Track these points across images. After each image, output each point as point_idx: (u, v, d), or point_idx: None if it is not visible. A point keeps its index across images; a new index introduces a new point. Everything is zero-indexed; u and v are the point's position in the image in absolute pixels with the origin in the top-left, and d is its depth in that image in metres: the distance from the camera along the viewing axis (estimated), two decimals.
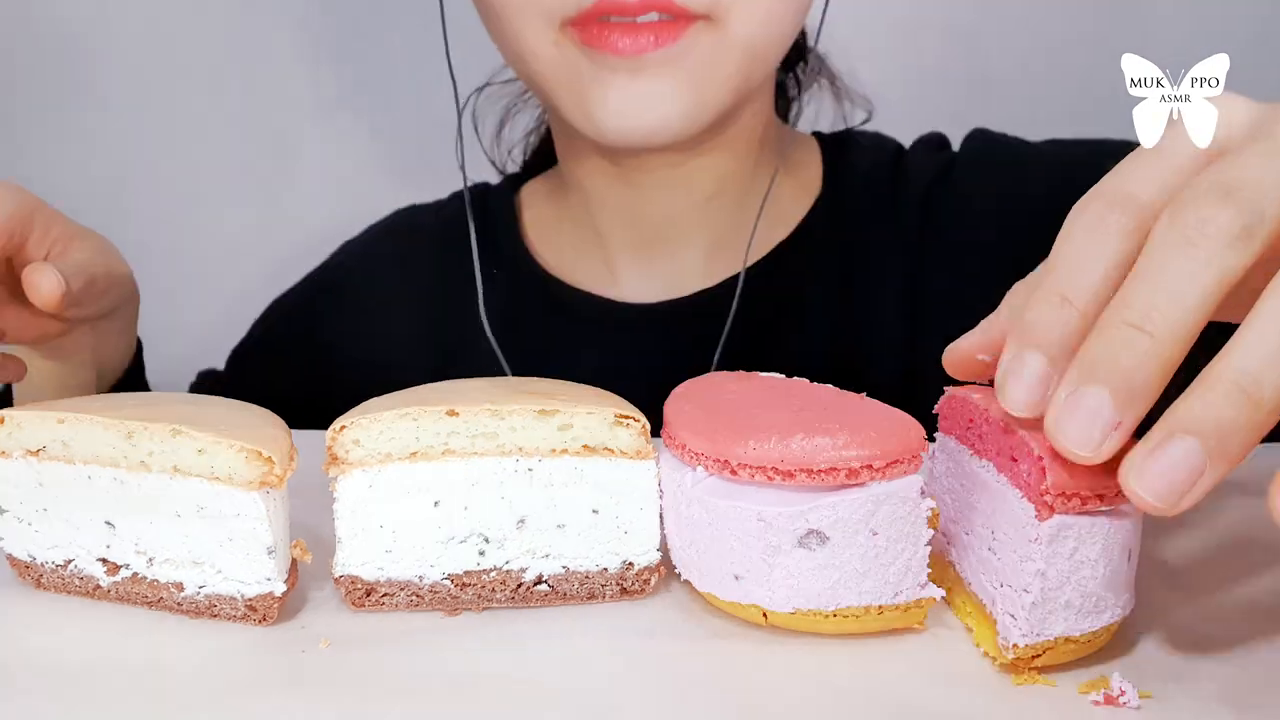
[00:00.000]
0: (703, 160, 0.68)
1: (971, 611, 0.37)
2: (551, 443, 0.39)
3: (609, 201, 0.71)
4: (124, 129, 1.09)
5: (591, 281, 0.74)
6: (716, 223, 0.71)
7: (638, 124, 0.60)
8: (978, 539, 0.36)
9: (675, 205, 0.70)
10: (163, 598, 0.40)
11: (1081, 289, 0.31)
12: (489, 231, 0.77)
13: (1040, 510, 0.32)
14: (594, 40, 0.58)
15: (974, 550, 0.37)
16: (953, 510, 0.39)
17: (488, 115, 0.82)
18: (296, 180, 1.10)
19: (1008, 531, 0.34)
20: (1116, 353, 0.29)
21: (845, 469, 0.34)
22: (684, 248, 0.72)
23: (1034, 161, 0.70)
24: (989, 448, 0.36)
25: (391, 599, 0.40)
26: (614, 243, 0.73)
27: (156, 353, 0.72)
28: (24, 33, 1.07)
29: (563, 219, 0.76)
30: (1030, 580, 0.33)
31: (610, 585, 0.40)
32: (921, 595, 0.36)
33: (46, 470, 0.40)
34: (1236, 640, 0.35)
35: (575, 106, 0.61)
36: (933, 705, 0.33)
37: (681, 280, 0.72)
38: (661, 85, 0.59)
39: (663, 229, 0.72)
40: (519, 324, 0.73)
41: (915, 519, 0.35)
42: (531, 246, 0.76)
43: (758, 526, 0.35)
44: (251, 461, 0.37)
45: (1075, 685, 0.33)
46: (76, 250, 0.54)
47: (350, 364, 0.76)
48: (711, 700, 0.33)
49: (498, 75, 0.79)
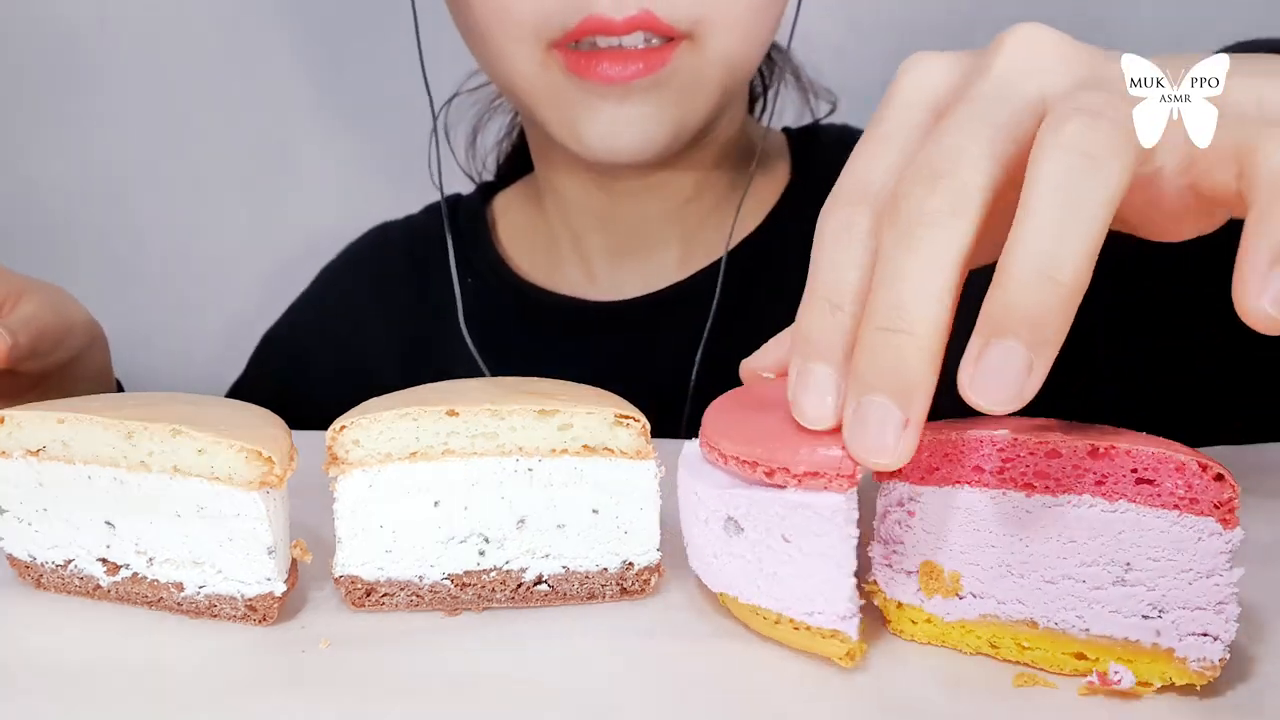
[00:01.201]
0: (680, 167, 0.69)
1: (1098, 656, 0.34)
2: (551, 443, 0.39)
3: (586, 207, 0.72)
4: (123, 132, 1.09)
5: (569, 285, 0.74)
6: (692, 223, 0.72)
7: (625, 145, 0.61)
8: (1086, 578, 0.33)
9: (652, 210, 0.71)
10: (163, 598, 0.40)
11: (845, 294, 0.32)
12: (462, 243, 0.77)
13: (1226, 521, 0.31)
14: (582, 70, 0.58)
15: (1077, 595, 0.34)
16: (999, 563, 0.35)
17: (459, 125, 0.82)
18: (294, 183, 1.10)
19: (1156, 556, 0.32)
20: (880, 359, 0.30)
21: (765, 467, 0.34)
22: (660, 248, 0.73)
23: None
24: (1072, 482, 0.33)
25: (391, 599, 0.40)
26: (591, 247, 0.74)
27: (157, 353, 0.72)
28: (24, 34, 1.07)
29: (538, 225, 0.77)
30: (1224, 592, 0.31)
31: (610, 585, 0.40)
32: (839, 627, 0.34)
33: (46, 470, 0.40)
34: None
35: (562, 126, 0.62)
36: (933, 705, 0.33)
37: (657, 278, 0.73)
38: (646, 109, 0.60)
39: (639, 232, 0.72)
40: (498, 332, 0.73)
41: (834, 539, 0.33)
42: (506, 255, 0.77)
43: (692, 499, 0.37)
44: (251, 461, 0.37)
45: (1075, 686, 0.33)
46: (25, 304, 0.55)
47: (338, 387, 0.76)
48: (712, 700, 0.33)
49: (466, 84, 0.80)
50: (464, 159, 0.84)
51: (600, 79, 0.58)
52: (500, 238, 0.78)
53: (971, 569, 0.35)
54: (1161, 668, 0.33)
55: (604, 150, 0.61)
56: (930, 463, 0.35)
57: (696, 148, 0.68)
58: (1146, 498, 0.32)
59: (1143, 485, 0.32)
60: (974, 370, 0.29)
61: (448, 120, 0.80)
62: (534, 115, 0.64)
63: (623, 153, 0.61)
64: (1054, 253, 0.28)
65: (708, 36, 0.59)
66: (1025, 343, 0.28)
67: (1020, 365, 0.28)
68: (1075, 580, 0.34)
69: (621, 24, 0.56)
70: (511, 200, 0.81)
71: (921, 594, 0.36)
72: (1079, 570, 0.33)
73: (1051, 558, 0.34)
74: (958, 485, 0.35)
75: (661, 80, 0.59)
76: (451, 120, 0.81)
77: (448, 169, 0.77)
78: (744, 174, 0.72)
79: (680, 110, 0.61)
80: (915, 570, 0.36)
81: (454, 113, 0.81)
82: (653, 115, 0.60)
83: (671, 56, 0.58)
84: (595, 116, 0.60)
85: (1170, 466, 0.32)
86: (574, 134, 0.61)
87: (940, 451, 0.35)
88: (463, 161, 0.84)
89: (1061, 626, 0.34)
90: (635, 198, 0.70)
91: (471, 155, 0.84)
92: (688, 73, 0.60)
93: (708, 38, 0.59)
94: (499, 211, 0.80)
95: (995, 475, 0.34)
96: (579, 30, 0.57)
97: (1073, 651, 0.34)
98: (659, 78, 0.59)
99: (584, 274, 0.75)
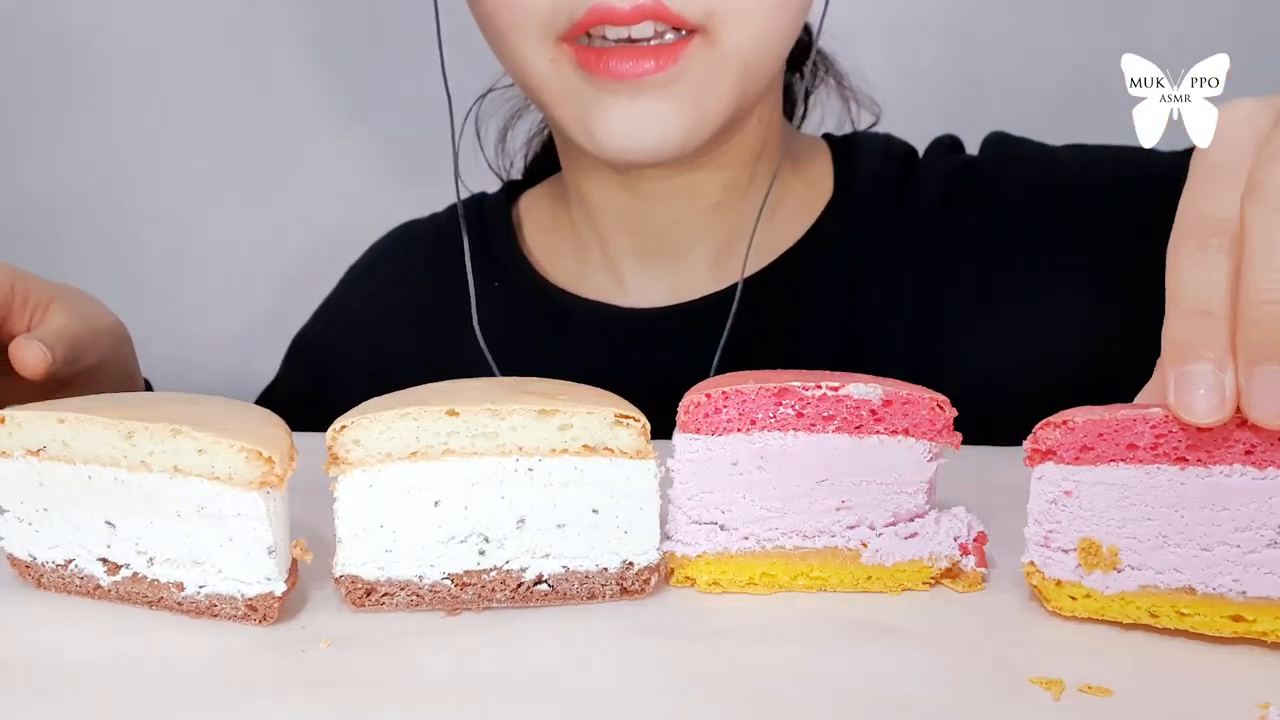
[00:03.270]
0: (707, 169, 0.67)
1: (1255, 617, 0.36)
2: (552, 442, 0.39)
3: (612, 210, 0.71)
4: (126, 132, 1.09)
5: (595, 289, 0.73)
6: (722, 228, 0.71)
7: (637, 144, 0.59)
8: (1240, 543, 0.35)
9: (680, 213, 0.70)
10: (163, 597, 0.40)
11: (1215, 299, 0.34)
12: (486, 243, 0.76)
13: None
14: (592, 66, 0.57)
15: (1232, 560, 0.36)
16: (1157, 535, 0.37)
17: (491, 121, 0.82)
18: (300, 184, 1.10)
19: None
20: (1266, 330, 0.32)
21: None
22: (689, 254, 0.71)
23: (1059, 168, 0.69)
24: (1223, 453, 0.35)
25: (391, 599, 0.40)
26: (618, 250, 0.72)
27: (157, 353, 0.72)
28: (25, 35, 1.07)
29: (564, 227, 0.76)
30: None
31: (610, 585, 0.40)
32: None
33: (47, 470, 0.40)
34: None
35: (575, 123, 0.61)
36: (933, 705, 0.33)
37: (688, 285, 0.71)
38: (660, 106, 0.58)
39: (667, 236, 0.71)
40: (519, 334, 0.72)
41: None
42: (531, 256, 0.76)
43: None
44: (252, 461, 0.37)
45: (1076, 685, 0.33)
46: (55, 313, 0.55)
47: (362, 385, 0.76)
48: (712, 700, 0.33)
49: (501, 81, 0.79)
50: (493, 156, 0.83)
51: (611, 75, 0.57)
52: (525, 238, 0.77)
53: (1129, 542, 0.37)
54: None
55: (616, 149, 0.60)
56: (1085, 443, 0.37)
57: (723, 149, 0.66)
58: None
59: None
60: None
61: (478, 116, 0.79)
62: (548, 112, 0.63)
63: (635, 152, 0.60)
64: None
65: (721, 31, 0.57)
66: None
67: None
68: (1230, 546, 0.36)
69: (629, 13, 0.55)
70: (537, 200, 0.79)
71: (1081, 570, 0.38)
72: (1233, 536, 0.35)
73: (1206, 526, 0.36)
74: (1113, 463, 0.37)
75: (674, 78, 0.58)
76: (483, 116, 0.80)
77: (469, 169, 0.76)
78: (780, 180, 0.70)
79: (695, 110, 0.59)
80: (1073, 548, 0.38)
81: (486, 108, 0.80)
82: (666, 114, 0.58)
83: (684, 54, 0.57)
84: (607, 114, 0.59)
85: None
86: (587, 132, 0.60)
87: (1094, 432, 0.37)
88: (492, 159, 0.83)
89: (1219, 591, 0.36)
90: (662, 200, 0.69)
91: (501, 152, 0.83)
92: (702, 71, 0.58)
93: (721, 32, 0.57)
94: (524, 211, 0.79)
95: (1149, 451, 0.36)
96: (587, 20, 0.56)
97: (1230, 614, 0.36)
98: (671, 75, 0.57)
99: (611, 278, 0.73)
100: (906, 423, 0.40)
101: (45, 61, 1.07)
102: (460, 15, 0.65)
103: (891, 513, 0.41)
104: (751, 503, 0.41)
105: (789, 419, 0.40)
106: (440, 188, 0.78)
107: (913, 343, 0.67)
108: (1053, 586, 0.38)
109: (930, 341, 0.67)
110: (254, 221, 1.11)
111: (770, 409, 0.40)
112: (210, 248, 1.11)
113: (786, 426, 0.40)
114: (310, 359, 0.83)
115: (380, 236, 0.85)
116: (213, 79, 1.08)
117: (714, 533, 0.41)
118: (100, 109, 1.08)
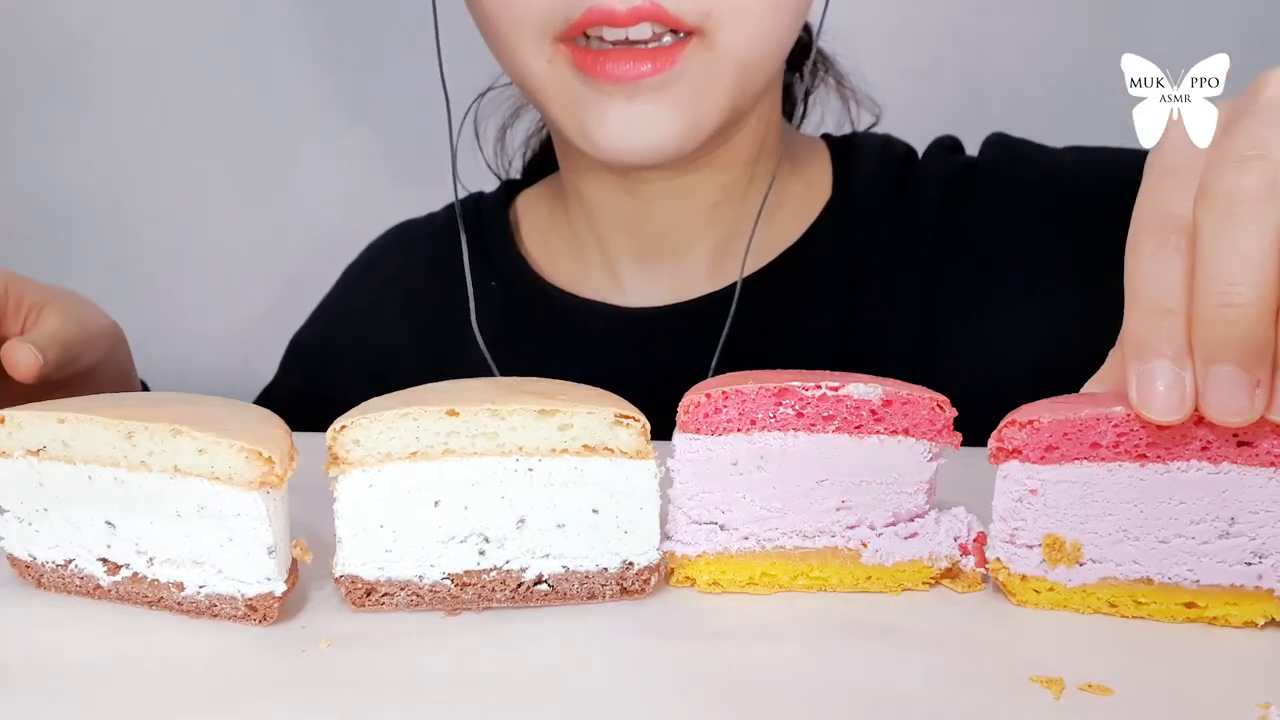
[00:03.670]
0: (706, 170, 0.67)
1: (1206, 604, 0.38)
2: (551, 442, 0.39)
3: (611, 210, 0.71)
4: (126, 132, 1.09)
5: (593, 289, 0.73)
6: (721, 229, 0.71)
7: (634, 146, 0.59)
8: (1195, 535, 0.37)
9: (678, 214, 0.70)
10: (163, 597, 0.40)
11: (1173, 297, 0.34)
12: (484, 243, 0.76)
13: None
14: (588, 68, 0.57)
15: (1187, 551, 0.38)
16: (1118, 529, 0.38)
17: (489, 120, 0.81)
18: (300, 184, 1.10)
19: (1256, 509, 0.37)
20: (1219, 331, 0.33)
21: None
22: (688, 254, 0.71)
23: (1059, 170, 0.69)
24: (1180, 449, 0.37)
25: (391, 599, 0.40)
26: (616, 250, 0.72)
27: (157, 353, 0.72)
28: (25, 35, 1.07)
29: (562, 226, 0.75)
30: None
31: (610, 585, 0.40)
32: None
33: (47, 470, 0.40)
34: None
35: (572, 124, 0.61)
36: (933, 705, 0.33)
37: (687, 285, 0.71)
38: (657, 108, 0.58)
39: (666, 236, 0.71)
40: (517, 333, 0.72)
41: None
42: (528, 255, 0.76)
43: None
44: (252, 461, 0.37)
45: (1076, 685, 0.33)
46: (49, 316, 0.55)
47: (360, 385, 0.76)
48: (711, 700, 0.33)
49: (500, 80, 0.79)
50: (492, 155, 0.83)
51: (607, 77, 0.57)
52: (523, 238, 0.77)
53: (1092, 537, 0.38)
54: (1264, 607, 0.37)
55: (612, 151, 0.60)
56: (1050, 442, 0.38)
57: (722, 150, 0.66)
58: (1246, 458, 0.36)
59: (1243, 447, 0.36)
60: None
61: (477, 116, 0.79)
62: (546, 113, 0.63)
63: (632, 154, 0.60)
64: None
65: (718, 32, 0.57)
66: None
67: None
68: (1185, 538, 0.38)
69: (626, 14, 0.55)
70: (535, 200, 0.79)
71: (1045, 565, 0.39)
72: (1189, 528, 0.37)
73: (1164, 519, 0.38)
74: (1077, 462, 0.38)
75: (671, 80, 0.58)
76: (482, 115, 0.80)
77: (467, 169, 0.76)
78: (779, 180, 0.70)
79: (692, 111, 0.59)
80: (1038, 544, 0.39)
81: (485, 107, 0.80)
82: (663, 116, 0.58)
83: (681, 56, 0.57)
84: (603, 115, 0.59)
85: (1266, 428, 0.35)
86: (583, 133, 0.60)
87: (1059, 432, 0.38)
88: (490, 158, 0.83)
89: (1174, 580, 0.38)
90: (661, 201, 0.69)
91: (499, 152, 0.83)
92: (699, 72, 0.58)
93: (718, 34, 0.57)
94: (522, 211, 0.79)
95: (1111, 449, 0.37)
96: (584, 21, 0.56)
97: (1184, 602, 0.38)
98: (668, 77, 0.57)
99: (609, 277, 0.73)
100: (906, 423, 0.40)
101: (45, 61, 1.07)
102: (459, 15, 0.65)
103: (891, 513, 0.41)
104: (751, 503, 0.41)
105: (789, 419, 0.40)
106: (440, 187, 0.78)
107: (912, 343, 0.67)
108: (1018, 581, 0.40)
109: (930, 342, 0.67)
110: (254, 221, 1.11)
111: (770, 409, 0.40)
112: (210, 248, 1.11)
113: (786, 426, 0.40)
114: (308, 359, 0.83)
115: (377, 236, 0.85)
116: (213, 79, 1.08)
117: (714, 533, 0.41)
118: (100, 109, 1.08)
